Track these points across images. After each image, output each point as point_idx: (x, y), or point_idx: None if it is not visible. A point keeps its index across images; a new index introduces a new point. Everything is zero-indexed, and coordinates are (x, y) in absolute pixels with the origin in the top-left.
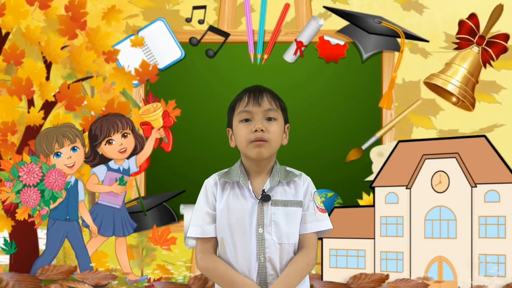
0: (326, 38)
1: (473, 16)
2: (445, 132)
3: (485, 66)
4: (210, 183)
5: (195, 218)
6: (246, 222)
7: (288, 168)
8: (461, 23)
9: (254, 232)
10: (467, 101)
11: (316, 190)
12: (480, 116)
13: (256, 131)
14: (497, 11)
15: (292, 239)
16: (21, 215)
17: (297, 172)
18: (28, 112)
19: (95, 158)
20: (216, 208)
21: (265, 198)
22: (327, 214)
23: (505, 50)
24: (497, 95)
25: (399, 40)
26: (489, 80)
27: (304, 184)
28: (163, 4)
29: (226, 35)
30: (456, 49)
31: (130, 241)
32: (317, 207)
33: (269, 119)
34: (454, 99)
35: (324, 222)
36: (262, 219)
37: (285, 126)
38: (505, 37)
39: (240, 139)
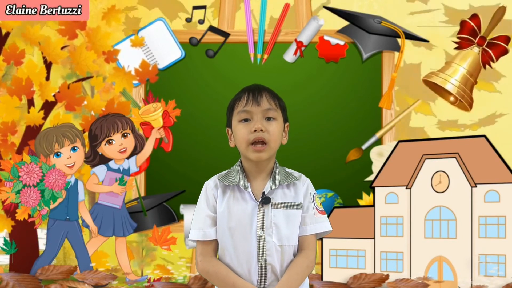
0: (326, 38)
1: (475, 17)
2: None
3: (484, 67)
4: (211, 185)
5: (196, 221)
6: (247, 224)
7: (287, 170)
8: (463, 23)
9: (254, 234)
10: (465, 101)
11: (315, 191)
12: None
13: (255, 131)
14: (500, 13)
15: (292, 241)
16: (21, 215)
17: (296, 174)
18: (28, 112)
19: (95, 158)
20: (217, 210)
21: (265, 200)
22: (326, 216)
23: (505, 52)
24: (497, 83)
25: (399, 40)
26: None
27: (303, 186)
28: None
29: (226, 35)
30: (456, 48)
31: (130, 241)
32: (316, 209)
33: (269, 118)
34: (452, 98)
35: (323, 224)
36: (263, 222)
37: (284, 125)
38: (506, 39)
39: (240, 139)
